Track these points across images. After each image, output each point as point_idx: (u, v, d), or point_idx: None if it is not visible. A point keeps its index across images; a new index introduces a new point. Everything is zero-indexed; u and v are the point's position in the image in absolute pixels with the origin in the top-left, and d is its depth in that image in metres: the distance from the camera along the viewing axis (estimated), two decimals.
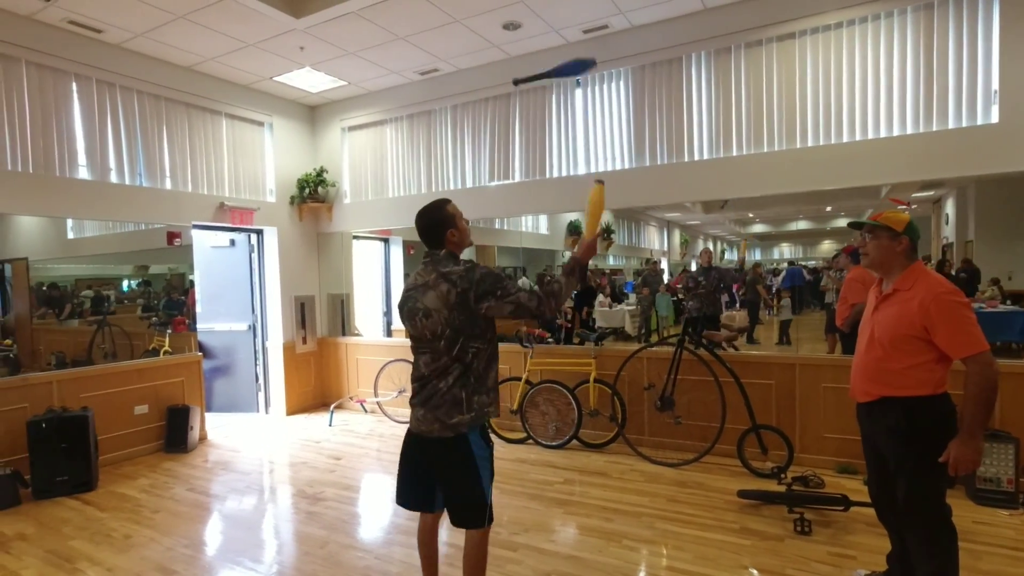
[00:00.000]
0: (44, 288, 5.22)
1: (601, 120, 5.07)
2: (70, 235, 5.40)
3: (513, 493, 3.94)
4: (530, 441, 5.05)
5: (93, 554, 3.21)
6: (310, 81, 5.79)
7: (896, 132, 3.96)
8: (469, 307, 2.06)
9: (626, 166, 4.97)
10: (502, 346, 5.53)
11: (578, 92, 5.15)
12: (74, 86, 4.65)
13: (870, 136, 4.04)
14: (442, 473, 2.17)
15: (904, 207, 5.38)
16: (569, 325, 6.45)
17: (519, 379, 5.14)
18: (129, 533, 3.47)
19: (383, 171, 6.28)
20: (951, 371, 2.15)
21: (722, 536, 3.20)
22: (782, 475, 3.78)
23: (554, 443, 4.92)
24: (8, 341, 4.89)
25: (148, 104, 5.13)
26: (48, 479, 4.08)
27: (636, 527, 3.36)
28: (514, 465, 4.52)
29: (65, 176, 4.58)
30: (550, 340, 5.61)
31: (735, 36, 4.40)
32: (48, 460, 4.09)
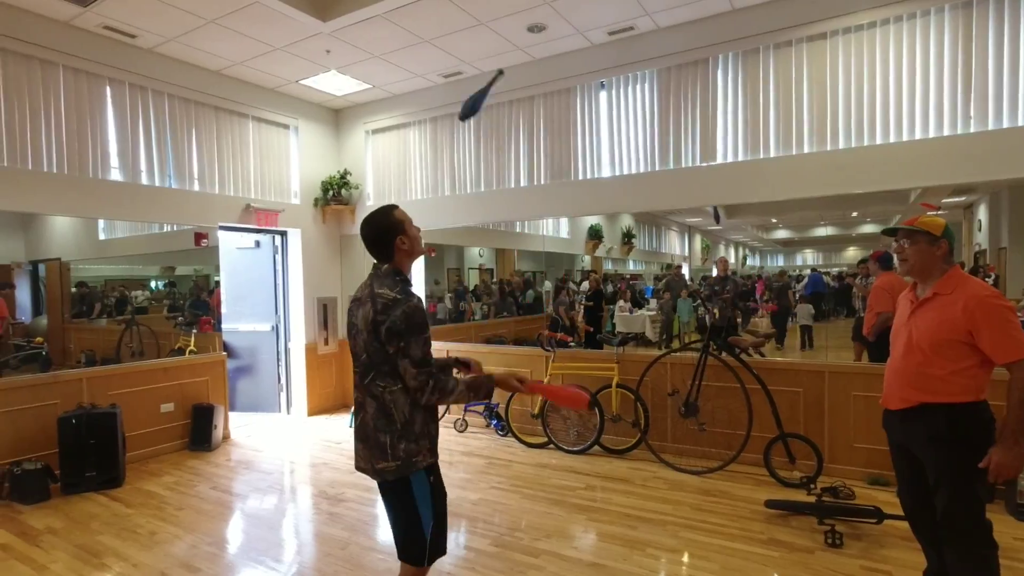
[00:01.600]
0: (76, 288, 5.35)
1: (626, 122, 5.03)
2: (101, 236, 5.53)
3: (535, 498, 3.90)
4: (551, 446, 5.01)
5: (120, 549, 3.25)
6: (335, 84, 5.85)
7: (932, 134, 3.85)
8: (379, 339, 1.88)
9: (650, 168, 4.91)
10: (523, 349, 5.53)
11: (603, 94, 5.12)
12: (108, 90, 4.76)
13: (904, 138, 3.93)
14: (386, 506, 2.04)
15: (935, 212, 5.24)
16: (591, 329, 6.39)
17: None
18: (154, 530, 3.51)
19: (406, 174, 6.31)
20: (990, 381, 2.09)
21: (749, 547, 3.13)
22: (811, 485, 3.68)
23: (575, 448, 4.87)
24: (40, 339, 5.01)
25: (178, 107, 5.23)
26: (77, 474, 4.15)
27: (660, 535, 3.30)
28: (535, 470, 4.48)
29: (98, 178, 4.68)
30: (572, 344, 5.56)
31: (764, 37, 4.33)
32: (77, 456, 4.16)
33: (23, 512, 3.81)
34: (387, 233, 2.00)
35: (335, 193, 6.39)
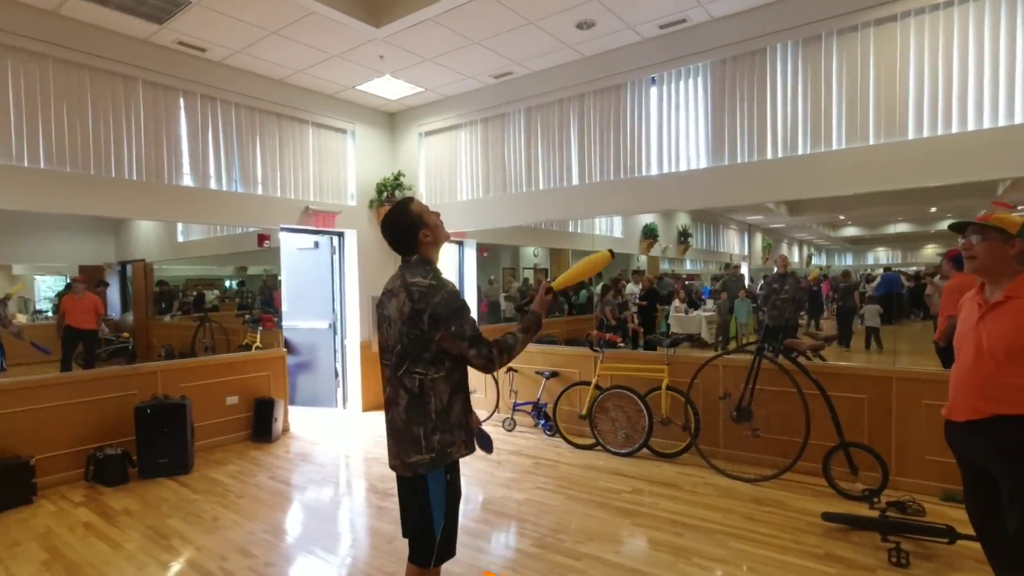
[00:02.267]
0: (158, 287, 5.76)
1: (677, 118, 4.89)
2: (179, 238, 5.92)
3: (579, 500, 3.86)
4: (598, 448, 4.94)
5: (185, 532, 3.47)
6: (389, 89, 6.00)
7: (1019, 120, 3.52)
8: (420, 327, 1.87)
9: (704, 165, 4.76)
10: (572, 349, 5.49)
11: (653, 90, 5.00)
12: (181, 101, 5.10)
13: (986, 125, 3.62)
14: (401, 505, 2.04)
15: (1008, 209, 4.79)
16: (641, 329, 6.26)
17: (588, 383, 5.05)
18: (217, 515, 3.72)
19: (458, 174, 6.40)
20: None
21: (803, 561, 2.97)
22: (875, 499, 3.45)
23: (623, 451, 4.79)
24: (126, 334, 5.43)
25: (244, 116, 5.53)
26: (152, 460, 4.47)
27: (708, 544, 3.18)
28: (581, 472, 4.44)
29: (172, 184, 5.02)
30: (621, 345, 5.47)
31: (826, 23, 4.09)
32: (152, 443, 4.48)
33: (104, 493, 4.14)
34: (408, 230, 2.00)
35: (389, 195, 6.56)
